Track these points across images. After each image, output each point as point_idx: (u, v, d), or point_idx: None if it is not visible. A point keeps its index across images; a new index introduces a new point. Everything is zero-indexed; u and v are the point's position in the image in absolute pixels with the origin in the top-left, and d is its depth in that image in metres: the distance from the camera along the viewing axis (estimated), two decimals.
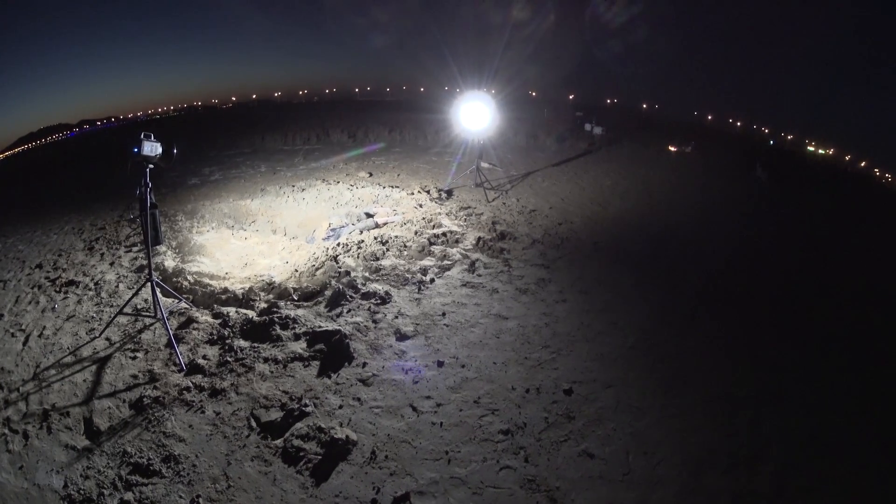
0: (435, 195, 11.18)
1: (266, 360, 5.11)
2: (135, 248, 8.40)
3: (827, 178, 21.96)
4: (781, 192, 14.67)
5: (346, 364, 5.10)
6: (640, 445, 4.16)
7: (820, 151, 42.66)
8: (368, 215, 9.73)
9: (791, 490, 3.84)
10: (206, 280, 7.12)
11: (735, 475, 3.93)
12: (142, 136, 5.08)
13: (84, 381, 4.94)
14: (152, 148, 5.14)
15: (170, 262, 7.69)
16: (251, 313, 6.04)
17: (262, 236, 9.55)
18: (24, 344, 5.69)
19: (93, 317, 6.16)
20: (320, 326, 5.66)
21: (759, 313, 6.64)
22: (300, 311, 6.02)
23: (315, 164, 15.86)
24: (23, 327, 6.06)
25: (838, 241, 10.37)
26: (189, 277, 7.12)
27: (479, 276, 7.16)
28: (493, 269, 7.40)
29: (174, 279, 7.05)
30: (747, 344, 5.87)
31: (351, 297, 6.32)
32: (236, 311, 6.06)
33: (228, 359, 5.13)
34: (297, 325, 5.68)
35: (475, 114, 11.09)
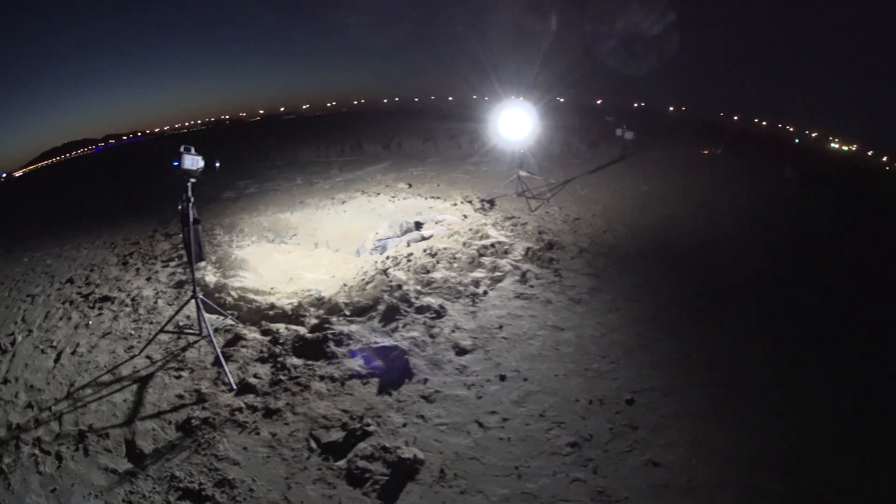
0: (478, 205, 10.88)
1: (322, 378, 4.80)
2: (172, 263, 8.17)
3: (853, 175, 21.76)
4: (811, 192, 14.53)
5: (407, 381, 4.80)
6: (701, 452, 4.09)
7: (843, 148, 42.31)
8: (419, 225, 9.45)
9: (839, 490, 3.77)
10: (251, 295, 6.82)
11: (789, 477, 3.89)
12: (181, 149, 4.81)
13: (124, 400, 4.69)
14: (193, 161, 4.88)
15: (211, 277, 7.41)
16: (302, 330, 5.73)
17: (305, 250, 9.24)
18: (56, 361, 5.50)
19: (131, 334, 5.92)
20: (376, 342, 5.36)
21: (803, 318, 6.46)
22: (354, 327, 5.72)
23: (352, 176, 15.65)
24: (53, 344, 5.88)
25: (878, 243, 10.10)
26: (232, 293, 6.84)
27: (532, 287, 6.87)
28: (545, 279, 7.12)
29: (216, 294, 6.77)
30: (793, 349, 5.72)
31: (405, 311, 6.00)
32: (286, 328, 5.75)
33: (282, 377, 4.81)
34: (351, 342, 5.38)
35: (515, 123, 10.82)
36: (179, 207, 5.00)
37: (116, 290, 7.23)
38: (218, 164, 5.11)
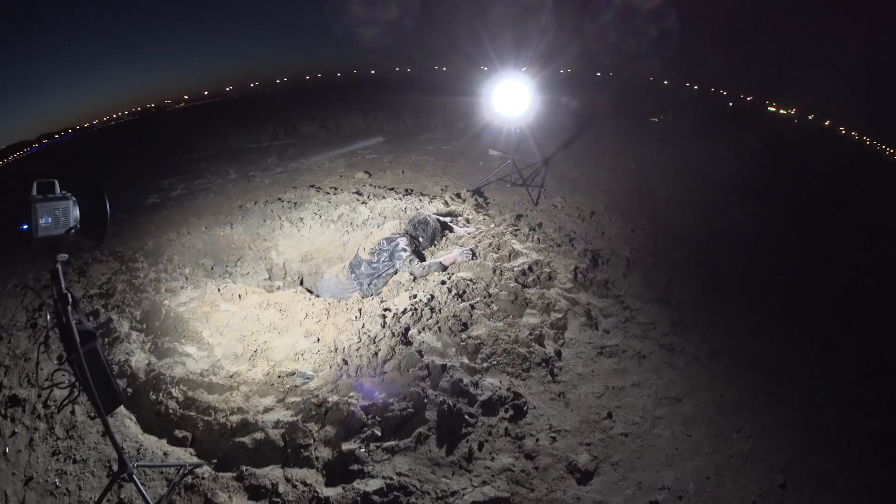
0: (472, 202, 8.73)
1: None
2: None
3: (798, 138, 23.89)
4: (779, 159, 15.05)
5: None
6: None
7: (781, 112, 42.91)
8: (443, 224, 7.05)
9: None
10: (204, 395, 4.35)
11: None
12: (33, 191, 2.48)
13: None
14: (58, 216, 2.54)
15: (139, 357, 4.91)
16: (315, 480, 3.44)
17: (260, 288, 6.66)
18: None
19: (56, 485, 3.66)
20: (454, 492, 3.25)
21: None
22: (400, 463, 3.48)
23: (295, 165, 13.42)
24: None
25: None
26: (174, 392, 4.35)
27: (607, 332, 5.24)
28: (615, 316, 5.53)
29: (152, 395, 4.35)
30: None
31: (469, 415, 3.83)
32: (286, 479, 3.45)
33: None
34: (413, 499, 3.22)
35: (512, 98, 8.90)
36: (49, 317, 2.88)
37: (26, 383, 4.81)
38: (109, 210, 2.72)
